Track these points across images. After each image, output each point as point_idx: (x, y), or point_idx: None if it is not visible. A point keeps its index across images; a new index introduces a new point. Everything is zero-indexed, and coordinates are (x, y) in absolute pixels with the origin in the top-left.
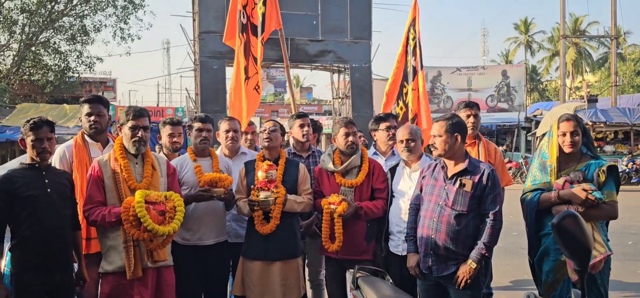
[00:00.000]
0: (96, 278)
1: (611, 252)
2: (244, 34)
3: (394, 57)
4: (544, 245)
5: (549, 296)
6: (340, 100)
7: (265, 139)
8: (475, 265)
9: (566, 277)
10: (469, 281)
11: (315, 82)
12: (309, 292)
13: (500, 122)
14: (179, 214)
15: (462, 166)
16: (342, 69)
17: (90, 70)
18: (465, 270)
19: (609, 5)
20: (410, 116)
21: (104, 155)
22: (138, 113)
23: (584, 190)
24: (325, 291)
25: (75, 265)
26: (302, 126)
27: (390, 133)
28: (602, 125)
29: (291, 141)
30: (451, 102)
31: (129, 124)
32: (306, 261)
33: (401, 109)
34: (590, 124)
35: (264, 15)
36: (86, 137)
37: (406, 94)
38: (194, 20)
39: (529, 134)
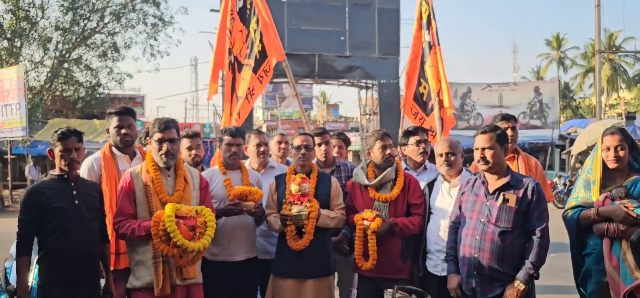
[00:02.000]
0: (123, 295)
1: None
2: (231, 73)
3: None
4: (585, 266)
5: None
6: (367, 116)
7: (301, 158)
8: (523, 286)
9: None
10: None
11: (341, 99)
12: None
13: (533, 139)
14: (210, 230)
15: (504, 180)
16: (370, 85)
17: (120, 86)
18: (512, 293)
19: None
20: (433, 95)
21: (136, 166)
22: (164, 125)
23: (625, 206)
24: None
25: (102, 280)
26: (320, 145)
27: (421, 148)
28: None
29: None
30: (482, 118)
31: (155, 137)
32: (336, 280)
33: (424, 88)
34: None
35: (261, 52)
36: (114, 150)
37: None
38: None
39: (564, 152)
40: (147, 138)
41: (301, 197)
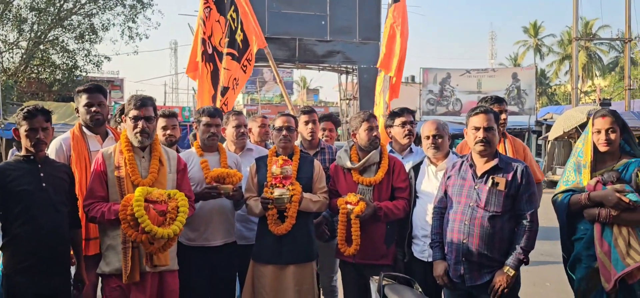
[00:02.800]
0: (95, 282)
1: None
2: (210, 63)
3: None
4: (575, 251)
5: None
6: (347, 101)
7: (282, 140)
8: (513, 272)
9: (599, 286)
10: (505, 290)
11: (322, 84)
12: None
13: (510, 125)
14: (182, 215)
15: (492, 163)
16: (350, 70)
17: (97, 69)
18: (502, 278)
19: (620, 9)
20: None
21: (110, 147)
22: (140, 102)
23: (617, 191)
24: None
25: (73, 268)
26: (307, 123)
27: (406, 129)
28: None
29: (299, 138)
30: (460, 104)
31: (131, 114)
32: (318, 266)
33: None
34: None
35: (243, 40)
36: (84, 129)
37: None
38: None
39: (540, 138)
40: (123, 116)
41: (283, 180)
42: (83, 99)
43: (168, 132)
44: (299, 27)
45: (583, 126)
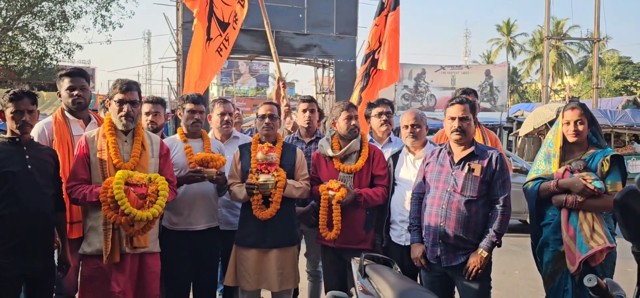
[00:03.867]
0: (77, 265)
1: (614, 244)
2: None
3: None
4: (543, 236)
5: (548, 287)
6: (323, 95)
7: (265, 127)
8: (486, 254)
9: (565, 269)
10: (479, 271)
11: (297, 77)
12: (307, 284)
13: (483, 121)
14: (161, 199)
15: (469, 150)
16: (327, 64)
17: (69, 57)
18: (476, 260)
19: (589, 10)
20: (365, 52)
21: (93, 130)
22: (126, 86)
23: (583, 178)
24: (323, 283)
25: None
26: (305, 111)
27: (382, 119)
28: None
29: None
30: (435, 100)
31: (116, 97)
32: (304, 251)
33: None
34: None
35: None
36: (66, 114)
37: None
38: (177, 9)
39: (511, 134)
40: (108, 100)
41: (268, 166)
42: (65, 82)
43: (151, 118)
44: (276, 20)
45: (552, 123)
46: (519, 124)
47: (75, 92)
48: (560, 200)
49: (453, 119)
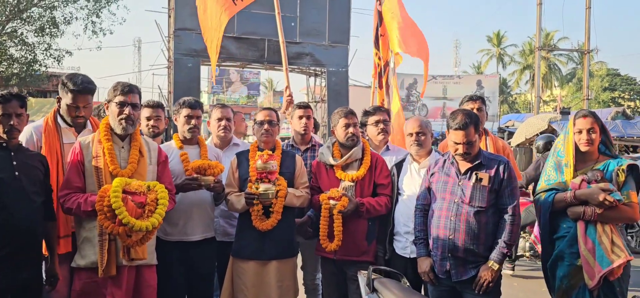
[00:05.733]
0: (67, 277)
1: (631, 257)
2: None
3: (372, 62)
4: (557, 249)
5: None
6: (315, 104)
7: (264, 134)
8: (497, 266)
9: (582, 283)
10: (491, 284)
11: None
12: (304, 297)
13: None
14: (161, 208)
15: (475, 160)
16: (319, 73)
17: (58, 63)
18: (487, 273)
19: (578, 23)
20: (382, 64)
21: (88, 136)
22: (127, 88)
23: (602, 190)
24: (321, 296)
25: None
26: (301, 117)
27: (379, 128)
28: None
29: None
30: (426, 109)
31: (117, 99)
32: (300, 264)
33: (379, 58)
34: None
35: None
36: (59, 120)
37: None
38: (169, 16)
39: None
40: (105, 103)
41: (268, 175)
42: (68, 97)
43: (152, 123)
44: (268, 28)
45: (544, 133)
46: (510, 134)
47: (78, 113)
48: (578, 212)
49: (456, 143)
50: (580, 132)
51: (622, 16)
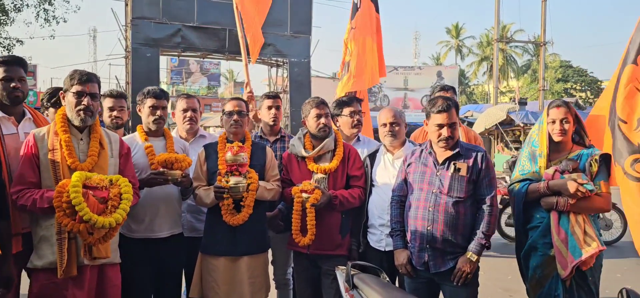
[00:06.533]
0: (17, 282)
1: (604, 246)
2: None
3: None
4: (531, 239)
5: (536, 293)
6: None
7: (233, 125)
8: (476, 257)
9: (555, 273)
10: (469, 276)
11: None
12: (275, 293)
13: None
14: (125, 203)
15: (453, 151)
16: (281, 63)
17: (8, 52)
18: (465, 264)
19: (533, 16)
20: (346, 59)
21: (43, 128)
22: (85, 77)
23: (575, 181)
24: (292, 291)
25: None
26: (270, 108)
27: (355, 119)
28: (532, 126)
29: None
30: (388, 100)
31: (74, 89)
32: (271, 258)
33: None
34: (521, 125)
35: None
36: None
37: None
38: (126, 4)
39: None
40: (61, 93)
41: (239, 167)
42: (0, 71)
43: (115, 113)
44: (229, 17)
45: (502, 123)
46: (470, 124)
47: (12, 84)
48: (551, 202)
49: (440, 126)
50: (553, 122)
51: (574, 10)
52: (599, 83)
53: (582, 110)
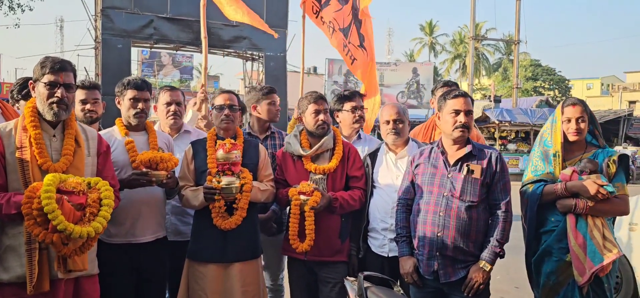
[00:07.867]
0: None
1: (622, 252)
2: None
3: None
4: (544, 244)
5: None
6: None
7: (224, 120)
8: (489, 266)
9: (571, 279)
10: (482, 286)
11: (223, 71)
12: None
13: (410, 118)
14: (105, 210)
15: (465, 150)
16: (256, 57)
17: None
18: (477, 274)
19: (506, 15)
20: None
21: (9, 123)
22: (58, 65)
23: (595, 182)
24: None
25: None
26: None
27: (357, 114)
28: (507, 124)
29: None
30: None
31: (46, 79)
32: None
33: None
34: (497, 122)
35: None
36: None
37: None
38: None
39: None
40: (30, 82)
41: (231, 167)
42: None
43: (88, 106)
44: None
45: (477, 121)
46: None
47: None
48: (569, 204)
49: (457, 112)
50: (569, 120)
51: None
52: (566, 82)
53: (553, 108)
